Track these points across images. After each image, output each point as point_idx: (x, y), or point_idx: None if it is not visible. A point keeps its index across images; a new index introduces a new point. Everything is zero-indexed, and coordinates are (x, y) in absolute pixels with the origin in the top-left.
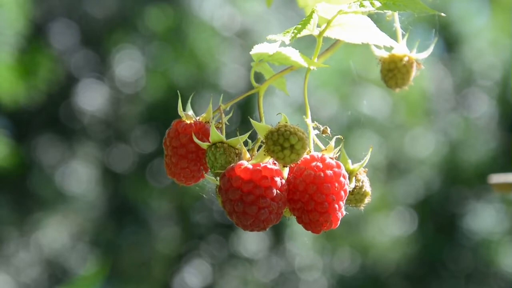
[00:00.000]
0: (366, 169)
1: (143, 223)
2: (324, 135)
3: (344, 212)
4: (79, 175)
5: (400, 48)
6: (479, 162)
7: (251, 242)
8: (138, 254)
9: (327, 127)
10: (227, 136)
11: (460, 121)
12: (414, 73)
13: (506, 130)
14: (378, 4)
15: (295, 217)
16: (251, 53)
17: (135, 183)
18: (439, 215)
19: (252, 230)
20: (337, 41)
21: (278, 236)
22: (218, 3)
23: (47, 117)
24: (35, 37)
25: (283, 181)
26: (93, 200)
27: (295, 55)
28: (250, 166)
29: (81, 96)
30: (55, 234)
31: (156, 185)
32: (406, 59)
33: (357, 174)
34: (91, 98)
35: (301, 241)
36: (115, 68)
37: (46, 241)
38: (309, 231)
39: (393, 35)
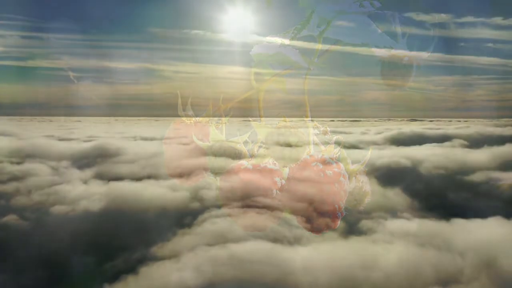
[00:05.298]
0: (366, 169)
1: None
2: (324, 135)
3: (344, 212)
4: None
5: (400, 48)
6: None
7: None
8: None
9: (327, 127)
10: (227, 136)
11: None
12: (414, 73)
13: None
14: (378, 4)
15: (295, 217)
16: (251, 53)
17: None
18: None
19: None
20: (337, 41)
21: None
22: None
23: None
24: None
25: (283, 181)
26: None
27: (295, 55)
28: (250, 166)
29: None
30: None
31: None
32: (406, 59)
33: (357, 174)
34: None
35: None
36: None
37: None
38: (309, 231)
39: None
